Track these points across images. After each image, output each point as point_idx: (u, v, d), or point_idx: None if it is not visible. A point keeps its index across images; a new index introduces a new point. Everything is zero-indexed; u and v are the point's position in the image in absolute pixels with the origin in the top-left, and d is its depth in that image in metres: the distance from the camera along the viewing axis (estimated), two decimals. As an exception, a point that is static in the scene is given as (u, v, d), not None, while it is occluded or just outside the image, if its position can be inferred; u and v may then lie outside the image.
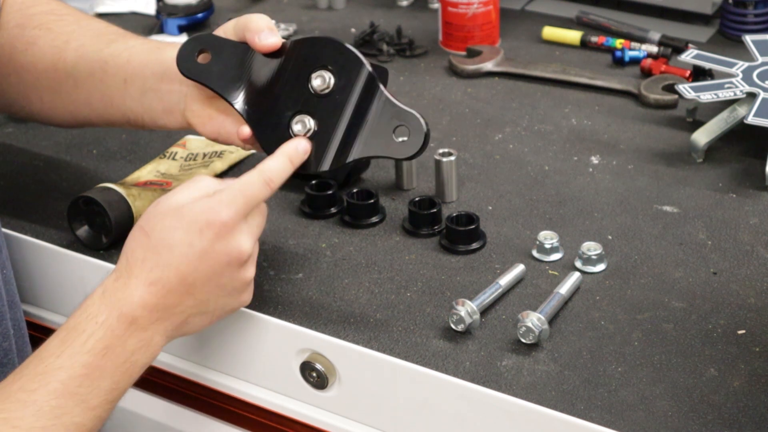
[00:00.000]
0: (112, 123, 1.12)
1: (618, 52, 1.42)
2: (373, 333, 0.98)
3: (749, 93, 1.22)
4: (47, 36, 1.12)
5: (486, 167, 1.22)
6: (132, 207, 1.10)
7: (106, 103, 1.09)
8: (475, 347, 0.96)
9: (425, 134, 0.95)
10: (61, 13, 1.14)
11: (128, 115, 1.09)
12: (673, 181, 1.17)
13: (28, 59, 1.12)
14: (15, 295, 1.05)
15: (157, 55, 1.06)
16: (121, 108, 1.08)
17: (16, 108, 1.17)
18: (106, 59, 1.08)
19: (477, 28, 1.45)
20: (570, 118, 1.31)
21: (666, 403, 0.89)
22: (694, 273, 1.04)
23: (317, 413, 1.01)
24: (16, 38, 1.13)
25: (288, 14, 1.61)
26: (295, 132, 0.98)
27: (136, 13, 1.62)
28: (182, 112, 1.05)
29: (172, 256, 0.91)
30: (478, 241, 1.08)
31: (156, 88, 1.05)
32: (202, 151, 1.24)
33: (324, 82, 0.98)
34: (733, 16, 1.45)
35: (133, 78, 1.07)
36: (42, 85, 1.12)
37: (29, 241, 1.13)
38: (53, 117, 1.15)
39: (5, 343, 1.01)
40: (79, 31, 1.12)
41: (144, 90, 1.06)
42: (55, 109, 1.13)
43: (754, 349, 0.94)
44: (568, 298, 1.00)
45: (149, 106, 1.07)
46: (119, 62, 1.07)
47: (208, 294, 0.93)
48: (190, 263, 0.91)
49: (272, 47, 0.99)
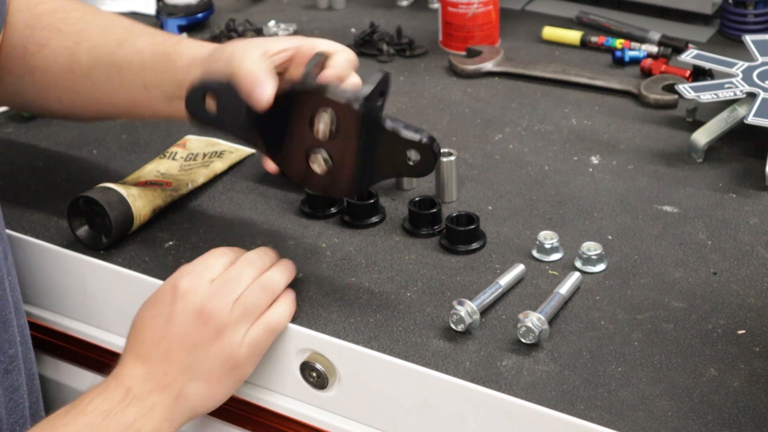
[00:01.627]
0: (140, 117, 1.15)
1: (618, 52, 1.42)
2: (373, 333, 0.98)
3: (749, 93, 1.22)
4: (58, 37, 1.12)
5: (486, 167, 1.22)
6: (132, 207, 1.10)
7: (131, 104, 1.10)
8: (475, 347, 0.96)
9: (435, 155, 0.96)
10: (68, 9, 1.14)
11: (158, 113, 1.10)
12: (673, 181, 1.17)
13: (41, 61, 1.12)
14: (20, 301, 1.05)
15: (167, 64, 1.06)
16: (148, 108, 1.10)
17: (35, 107, 1.18)
18: (120, 65, 1.08)
19: (477, 28, 1.45)
20: (570, 118, 1.31)
21: (666, 403, 0.89)
22: (694, 273, 1.04)
23: (317, 413, 1.01)
24: (27, 39, 1.13)
25: (288, 14, 1.61)
26: (314, 170, 0.99)
27: (136, 13, 1.62)
28: None
29: (144, 329, 0.98)
30: (478, 241, 1.08)
31: (180, 95, 1.04)
32: (202, 151, 1.24)
33: (326, 126, 0.96)
34: (733, 16, 1.45)
35: (152, 85, 1.07)
36: (59, 86, 1.13)
37: (29, 241, 1.13)
38: (76, 115, 1.17)
39: (11, 350, 1.01)
40: (89, 29, 1.12)
41: (167, 96, 1.06)
42: (76, 107, 1.14)
43: (754, 349, 0.94)
44: (568, 298, 1.00)
45: (177, 107, 1.06)
46: (134, 68, 1.08)
47: (188, 357, 0.96)
48: (159, 330, 0.97)
49: (264, 107, 0.97)
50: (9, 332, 1.01)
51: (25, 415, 1.04)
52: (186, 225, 1.14)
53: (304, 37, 1.05)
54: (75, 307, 1.14)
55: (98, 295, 1.11)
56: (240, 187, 1.20)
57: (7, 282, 1.01)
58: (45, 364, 1.19)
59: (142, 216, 1.12)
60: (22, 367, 1.03)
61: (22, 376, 1.03)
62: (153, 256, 1.10)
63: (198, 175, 1.20)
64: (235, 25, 1.54)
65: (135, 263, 1.09)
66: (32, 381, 1.07)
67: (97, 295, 1.11)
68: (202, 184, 1.20)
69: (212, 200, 1.18)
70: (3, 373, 1.01)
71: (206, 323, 0.96)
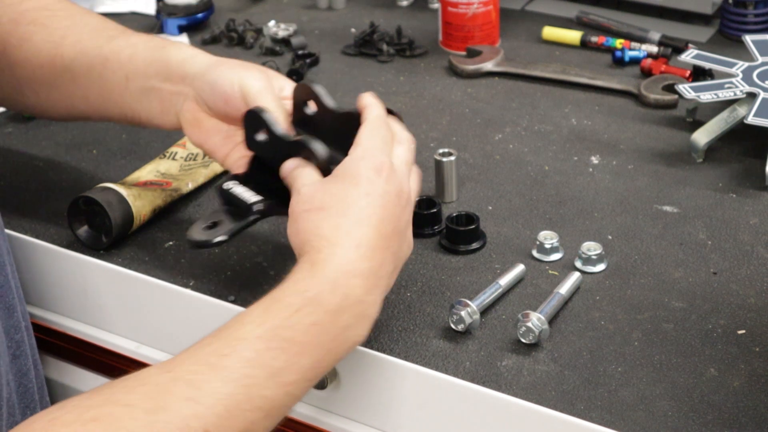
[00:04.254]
0: (109, 118, 1.12)
1: (618, 52, 1.42)
2: (373, 333, 0.98)
3: (749, 93, 1.22)
4: (42, 32, 1.11)
5: (486, 167, 1.22)
6: (132, 207, 1.10)
7: (105, 98, 1.09)
8: (475, 347, 0.96)
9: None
10: (54, 8, 1.14)
11: (126, 111, 1.08)
12: (673, 181, 1.17)
13: (22, 55, 1.12)
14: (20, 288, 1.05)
15: (161, 54, 1.06)
16: (119, 104, 1.08)
17: (10, 102, 1.18)
18: (106, 55, 1.08)
19: (477, 28, 1.45)
20: (570, 118, 1.31)
21: (666, 403, 0.89)
22: (694, 273, 1.04)
23: (317, 413, 1.01)
24: (9, 34, 1.12)
25: (288, 14, 1.61)
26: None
27: (136, 13, 1.62)
28: (177, 112, 1.05)
29: (361, 211, 0.88)
30: (478, 241, 1.08)
31: (158, 88, 1.05)
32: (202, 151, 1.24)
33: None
34: (733, 16, 1.45)
35: (135, 76, 1.06)
36: (37, 79, 1.12)
37: (29, 241, 1.13)
38: (48, 110, 1.15)
39: (17, 336, 1.01)
40: (75, 27, 1.11)
41: (145, 89, 1.06)
42: (50, 102, 1.13)
43: (754, 349, 0.94)
44: (568, 298, 1.00)
45: (148, 105, 1.06)
46: (121, 59, 1.07)
47: (398, 243, 0.91)
48: (376, 212, 0.89)
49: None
50: (14, 318, 1.01)
51: (35, 399, 1.04)
52: (186, 225, 1.14)
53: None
54: (75, 307, 1.14)
55: (98, 295, 1.11)
56: (240, 187, 1.20)
57: (9, 267, 1.01)
58: (45, 363, 1.19)
59: (142, 216, 1.12)
60: (29, 353, 1.03)
61: (29, 361, 1.03)
62: (153, 256, 1.10)
63: (198, 175, 1.20)
64: (235, 25, 1.54)
65: (135, 263, 1.09)
66: (36, 367, 1.06)
67: (97, 295, 1.11)
68: (202, 184, 1.20)
69: (212, 200, 1.18)
70: (12, 358, 1.01)
71: (407, 206, 0.92)
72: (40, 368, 1.08)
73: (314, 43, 1.51)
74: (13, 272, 1.03)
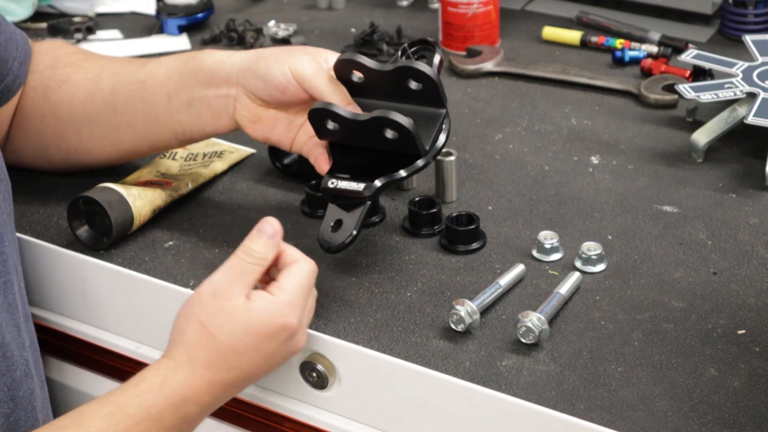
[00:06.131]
0: (158, 143, 1.13)
1: (618, 52, 1.42)
2: (373, 333, 0.98)
3: (749, 93, 1.22)
4: (79, 72, 1.14)
5: (486, 167, 1.22)
6: (132, 207, 1.10)
7: (151, 122, 1.10)
8: (475, 347, 0.96)
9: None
10: (89, 53, 1.18)
11: (176, 128, 1.10)
12: (673, 181, 1.17)
13: (62, 96, 1.14)
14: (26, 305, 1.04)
15: (195, 63, 1.08)
16: (167, 124, 1.10)
17: (52, 150, 1.18)
18: (143, 80, 1.10)
19: (477, 28, 1.45)
20: (570, 118, 1.31)
21: (666, 403, 0.89)
22: (694, 273, 1.04)
23: (317, 413, 1.01)
24: (49, 78, 1.15)
25: (288, 14, 1.61)
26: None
27: (136, 13, 1.62)
28: (231, 114, 1.07)
29: (240, 361, 0.93)
30: (478, 241, 1.08)
31: (202, 96, 1.07)
32: (202, 151, 1.24)
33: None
34: (733, 16, 1.45)
35: (177, 91, 1.08)
36: (79, 118, 1.14)
37: (29, 241, 1.13)
38: (92, 150, 1.16)
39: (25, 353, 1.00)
40: (109, 63, 1.15)
41: (190, 100, 1.08)
42: (94, 140, 1.15)
43: (754, 349, 0.94)
44: (568, 298, 1.00)
45: (197, 114, 1.08)
46: (158, 79, 1.09)
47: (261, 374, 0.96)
48: (256, 365, 0.94)
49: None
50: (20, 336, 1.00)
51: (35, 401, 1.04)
52: (186, 225, 1.14)
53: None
54: (75, 307, 1.14)
55: (98, 295, 1.11)
56: (240, 187, 1.20)
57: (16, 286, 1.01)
58: (45, 363, 1.19)
59: (142, 216, 1.12)
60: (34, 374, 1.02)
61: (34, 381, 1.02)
62: (153, 256, 1.10)
63: (198, 175, 1.20)
64: (235, 25, 1.54)
65: (135, 263, 1.09)
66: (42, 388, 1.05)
67: (97, 295, 1.11)
68: (202, 184, 1.20)
69: (212, 200, 1.18)
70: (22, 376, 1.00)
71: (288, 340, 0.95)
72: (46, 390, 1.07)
73: (314, 43, 1.51)
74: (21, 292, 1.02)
